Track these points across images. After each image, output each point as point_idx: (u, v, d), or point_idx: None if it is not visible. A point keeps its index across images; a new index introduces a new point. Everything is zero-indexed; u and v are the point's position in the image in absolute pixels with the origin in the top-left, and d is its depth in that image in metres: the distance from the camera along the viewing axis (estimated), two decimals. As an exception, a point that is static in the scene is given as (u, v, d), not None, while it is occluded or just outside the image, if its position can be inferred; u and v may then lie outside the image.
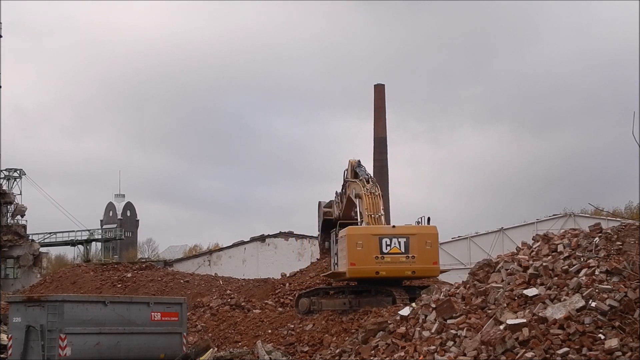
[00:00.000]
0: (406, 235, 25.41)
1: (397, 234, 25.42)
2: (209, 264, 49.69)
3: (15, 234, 65.12)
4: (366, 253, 25.31)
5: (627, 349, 12.82)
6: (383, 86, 58.93)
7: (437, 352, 14.83)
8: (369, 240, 25.36)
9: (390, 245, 25.31)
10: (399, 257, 25.27)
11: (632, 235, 16.41)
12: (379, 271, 25.43)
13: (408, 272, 25.60)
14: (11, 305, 21.40)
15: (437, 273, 26.66)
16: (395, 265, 25.32)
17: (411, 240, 25.26)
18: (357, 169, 28.57)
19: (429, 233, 25.70)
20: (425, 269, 25.81)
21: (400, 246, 25.33)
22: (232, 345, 25.46)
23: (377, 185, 27.21)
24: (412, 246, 25.28)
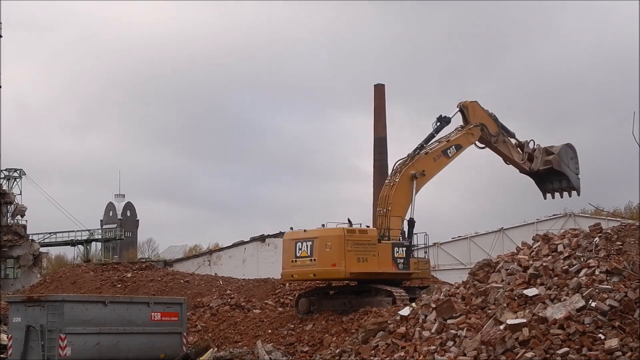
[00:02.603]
0: (312, 239, 25.95)
1: (306, 238, 26.10)
2: (209, 264, 49.62)
3: (15, 234, 65.08)
4: (288, 257, 26.59)
5: (627, 349, 12.83)
6: (383, 86, 58.86)
7: (437, 352, 14.84)
8: (289, 245, 26.58)
9: (302, 249, 26.16)
10: (305, 260, 25.98)
11: (632, 235, 16.42)
12: (293, 274, 26.65)
13: (311, 274, 26.35)
14: (11, 305, 21.40)
15: (340, 275, 26.11)
16: (303, 269, 26.04)
17: (314, 244, 25.79)
18: None
19: (331, 235, 25.80)
20: (325, 272, 25.95)
21: (308, 249, 26.01)
22: (232, 345, 25.45)
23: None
24: (315, 249, 25.84)
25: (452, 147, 28.86)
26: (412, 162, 27.72)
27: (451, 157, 28.80)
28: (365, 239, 25.99)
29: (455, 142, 28.96)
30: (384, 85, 58.95)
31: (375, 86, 59.04)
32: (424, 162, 28.00)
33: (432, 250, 47.00)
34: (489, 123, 30.24)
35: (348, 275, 26.06)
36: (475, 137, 29.73)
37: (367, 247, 25.91)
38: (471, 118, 29.72)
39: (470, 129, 29.42)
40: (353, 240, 25.68)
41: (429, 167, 28.15)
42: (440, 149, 28.55)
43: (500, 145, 30.56)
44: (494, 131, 30.19)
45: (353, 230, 26.10)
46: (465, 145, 29.39)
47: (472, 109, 29.91)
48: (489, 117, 30.33)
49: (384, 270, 26.29)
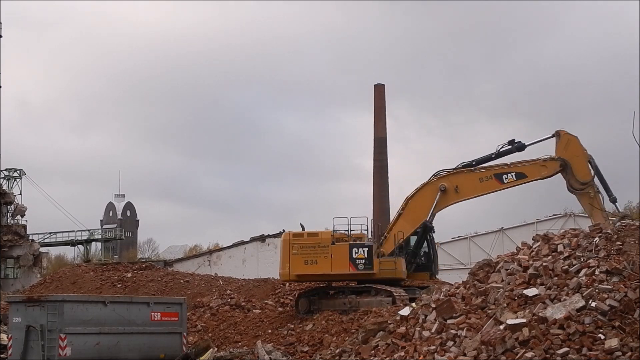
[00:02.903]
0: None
1: None
2: (209, 264, 49.61)
3: (15, 234, 65.06)
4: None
5: (627, 349, 12.83)
6: (383, 86, 58.93)
7: (437, 352, 14.84)
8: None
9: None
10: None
11: (632, 235, 16.41)
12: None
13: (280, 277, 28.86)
14: (11, 305, 21.39)
15: (286, 277, 27.77)
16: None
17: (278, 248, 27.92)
18: None
19: (281, 240, 27.82)
20: (281, 274, 27.92)
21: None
22: (232, 345, 25.46)
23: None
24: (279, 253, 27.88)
25: (512, 174, 25.99)
26: (449, 175, 26.54)
27: (507, 183, 26.09)
28: (315, 241, 26.79)
29: (518, 169, 25.97)
30: (384, 85, 59.06)
31: (375, 86, 59.11)
32: (464, 179, 26.40)
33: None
34: (580, 166, 25.44)
35: (294, 278, 27.42)
36: (549, 172, 25.89)
37: (317, 249, 26.63)
38: (559, 151, 25.76)
39: (545, 161, 25.88)
40: (300, 244, 26.76)
41: (468, 186, 26.42)
42: (494, 171, 26.16)
43: (583, 198, 25.56)
44: (582, 177, 25.35)
45: (301, 234, 27.10)
46: (531, 177, 26.05)
47: (566, 141, 25.65)
48: (583, 159, 25.51)
49: (339, 271, 26.61)
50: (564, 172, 25.56)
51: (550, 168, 25.74)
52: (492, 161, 26.52)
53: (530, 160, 26.10)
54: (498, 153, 26.41)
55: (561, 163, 25.54)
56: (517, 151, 26.26)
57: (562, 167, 25.55)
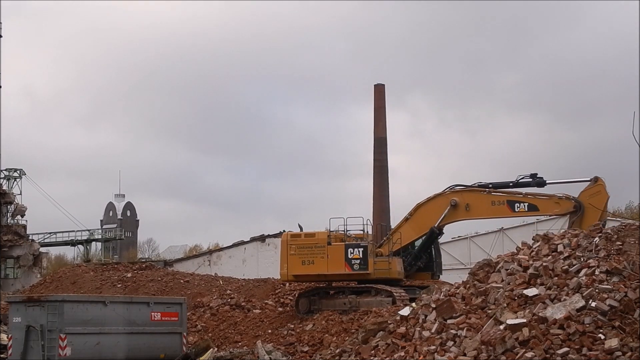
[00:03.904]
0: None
1: None
2: (209, 264, 49.62)
3: (15, 234, 65.06)
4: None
5: (627, 349, 12.83)
6: (383, 86, 58.91)
7: (437, 352, 14.83)
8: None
9: None
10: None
11: (632, 235, 16.41)
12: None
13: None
14: (11, 305, 21.39)
15: (285, 278, 27.94)
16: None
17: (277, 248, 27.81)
18: None
19: (281, 241, 28.04)
20: (281, 274, 28.11)
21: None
22: (232, 345, 25.46)
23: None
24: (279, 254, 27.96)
25: (525, 204, 25.72)
26: (463, 192, 26.45)
27: (517, 212, 25.95)
28: (312, 242, 26.93)
29: (531, 201, 25.73)
30: (384, 85, 59.04)
31: (375, 86, 59.10)
32: (476, 199, 26.29)
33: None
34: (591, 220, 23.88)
35: (291, 278, 27.59)
36: (561, 210, 25.76)
37: (314, 249, 26.73)
38: (583, 195, 25.32)
39: (560, 199, 25.56)
40: (297, 244, 26.92)
41: (480, 206, 26.34)
42: (508, 197, 25.98)
43: None
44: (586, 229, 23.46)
45: (298, 234, 27.26)
46: (542, 212, 26.23)
47: (596, 191, 25.19)
48: (597, 215, 24.68)
49: (335, 271, 26.67)
50: (573, 215, 25.18)
51: (563, 207, 25.51)
52: (508, 189, 26.31)
53: (546, 195, 25.80)
54: (517, 183, 26.21)
55: (575, 205, 25.18)
56: (537, 186, 26.04)
57: (574, 210, 25.15)
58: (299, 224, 27.77)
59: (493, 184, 26.39)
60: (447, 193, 26.76)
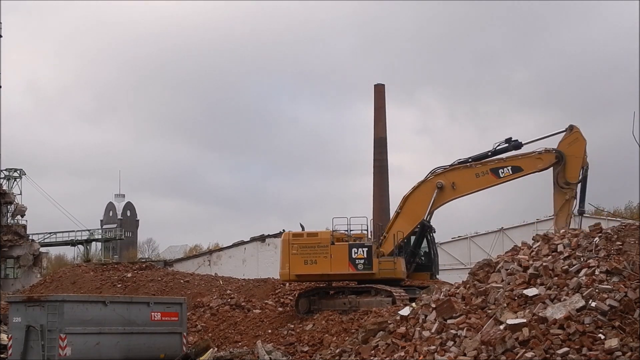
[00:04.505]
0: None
1: None
2: (209, 264, 49.64)
3: (15, 234, 65.07)
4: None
5: (627, 349, 12.83)
6: (383, 86, 59.00)
7: (437, 352, 14.83)
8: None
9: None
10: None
11: (632, 235, 16.42)
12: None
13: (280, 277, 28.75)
14: (11, 305, 21.39)
15: (286, 277, 27.77)
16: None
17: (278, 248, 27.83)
18: None
19: (282, 240, 27.82)
20: (281, 274, 27.97)
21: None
22: (232, 345, 25.46)
23: None
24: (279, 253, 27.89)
25: (508, 168, 25.92)
26: (445, 172, 26.54)
27: (503, 177, 25.98)
28: (315, 241, 26.78)
29: (514, 163, 25.93)
30: (384, 85, 59.12)
31: (375, 86, 59.16)
32: (460, 175, 26.36)
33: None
34: (573, 167, 25.39)
35: (293, 278, 27.35)
36: (545, 164, 25.75)
37: (316, 249, 26.56)
38: (562, 144, 25.66)
39: (541, 153, 25.82)
40: (299, 244, 26.70)
41: (465, 182, 26.33)
42: (490, 166, 26.10)
43: (560, 196, 25.47)
44: (570, 178, 25.36)
45: (300, 233, 27.07)
46: (527, 170, 25.94)
47: (574, 139, 25.57)
48: (579, 163, 25.41)
49: (339, 271, 26.59)
50: (557, 165, 25.52)
51: (546, 160, 25.70)
52: (488, 158, 26.44)
53: (526, 154, 26.04)
54: (494, 151, 26.31)
55: (557, 155, 25.51)
56: (514, 149, 26.15)
57: (557, 160, 25.48)
58: (301, 224, 27.65)
59: (472, 158, 26.49)
60: (431, 177, 26.78)
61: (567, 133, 25.66)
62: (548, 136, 26.23)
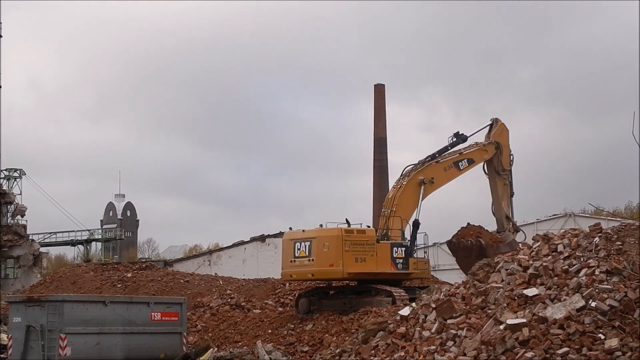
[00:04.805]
0: (310, 239, 26.09)
1: (304, 238, 26.24)
2: (209, 264, 49.63)
3: (15, 234, 65.13)
4: (286, 257, 26.79)
5: (627, 349, 12.82)
6: (383, 86, 59.07)
7: (437, 352, 14.83)
8: (288, 245, 26.77)
9: (300, 249, 26.33)
10: (303, 260, 26.11)
11: (632, 235, 16.41)
12: (292, 274, 26.85)
13: (309, 274, 26.45)
14: (11, 305, 21.40)
15: (337, 275, 26.33)
16: (301, 269, 26.18)
17: (312, 244, 25.91)
18: None
19: (329, 235, 25.99)
20: (323, 272, 26.11)
21: (306, 249, 26.16)
22: (232, 345, 25.45)
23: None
24: (313, 249, 25.95)
25: (465, 161, 29.13)
26: (422, 169, 27.97)
27: (462, 170, 29.11)
28: (364, 239, 26.11)
29: (468, 156, 29.25)
30: (384, 85, 59.19)
31: (375, 86, 59.22)
32: (434, 170, 28.24)
33: (432, 250, 47.01)
34: (505, 155, 30.24)
35: (346, 275, 26.20)
36: (489, 154, 29.82)
37: (365, 247, 26.03)
38: (494, 136, 29.97)
39: (485, 145, 29.71)
40: (351, 241, 25.84)
41: (439, 175, 28.42)
42: (452, 160, 28.86)
43: (500, 184, 30.20)
44: (505, 165, 30.21)
45: (351, 230, 26.24)
46: (477, 161, 29.63)
47: (500, 129, 30.17)
48: (508, 150, 30.37)
49: (383, 270, 26.36)
50: (495, 156, 29.70)
51: (490, 151, 29.74)
52: (448, 151, 29.01)
53: (475, 147, 29.50)
54: (452, 144, 29.11)
55: (496, 146, 29.71)
56: (462, 142, 29.26)
57: (496, 150, 29.67)
58: (347, 219, 26.82)
59: (437, 152, 28.70)
60: (413, 174, 27.72)
61: (494, 125, 30.00)
62: (480, 130, 30.04)
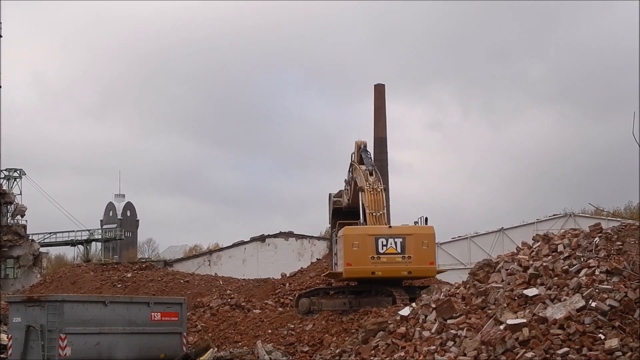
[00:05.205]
0: (402, 236, 25.61)
1: (394, 234, 25.60)
2: (209, 264, 49.68)
3: (15, 234, 65.15)
4: (362, 253, 25.54)
5: (627, 349, 12.82)
6: (383, 86, 59.08)
7: (437, 352, 14.83)
8: (365, 240, 25.59)
9: (387, 245, 25.53)
10: (395, 257, 25.46)
11: (632, 235, 16.41)
12: (375, 271, 25.68)
13: (404, 272, 25.75)
14: (11, 305, 21.40)
15: (433, 273, 26.75)
16: (392, 266, 25.49)
17: (407, 241, 25.47)
18: (362, 153, 28.25)
19: (425, 233, 25.81)
20: (422, 269, 25.93)
21: (397, 246, 25.53)
22: (232, 345, 25.45)
23: (380, 179, 27.05)
24: (409, 246, 25.47)
25: None
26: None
27: None
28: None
29: None
30: (384, 86, 59.17)
31: (375, 86, 59.21)
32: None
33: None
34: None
35: (435, 273, 26.86)
36: None
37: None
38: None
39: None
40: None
41: None
42: None
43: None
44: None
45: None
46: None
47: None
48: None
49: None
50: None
51: None
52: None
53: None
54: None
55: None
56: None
57: None
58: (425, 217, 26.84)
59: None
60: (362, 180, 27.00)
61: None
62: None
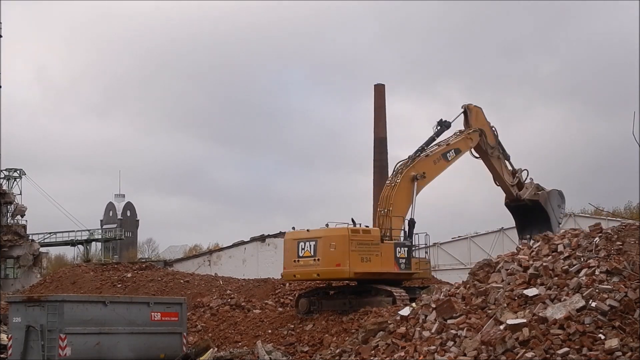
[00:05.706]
0: (315, 239, 25.79)
1: (309, 238, 25.92)
2: (209, 264, 49.66)
3: (15, 234, 65.12)
4: (289, 257, 26.32)
5: (627, 349, 12.83)
6: (383, 86, 59.02)
7: (437, 352, 14.84)
8: (291, 244, 26.36)
9: (305, 249, 25.94)
10: (309, 260, 25.76)
11: (632, 235, 16.42)
12: (296, 274, 26.42)
13: (314, 274, 26.09)
14: (11, 305, 21.39)
15: (345, 275, 26.05)
16: (306, 268, 25.84)
17: (318, 243, 25.62)
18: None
19: (335, 235, 25.69)
20: (329, 271, 25.80)
21: (311, 249, 25.81)
22: (232, 345, 25.44)
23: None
24: (319, 249, 25.63)
25: (452, 151, 29.19)
26: (413, 164, 27.79)
27: (450, 160, 29.13)
28: (369, 238, 25.92)
29: (454, 146, 29.31)
30: (384, 86, 59.12)
31: (375, 86, 59.15)
32: (425, 164, 28.11)
33: (432, 250, 46.96)
34: (489, 133, 30.64)
35: (352, 275, 25.98)
36: (474, 142, 30.10)
37: (370, 247, 25.84)
38: (473, 122, 30.19)
39: (469, 134, 29.90)
40: (357, 240, 25.63)
41: (430, 169, 28.30)
42: (440, 152, 28.80)
43: (494, 160, 30.85)
44: (492, 142, 30.66)
45: (357, 230, 26.04)
46: (463, 150, 29.75)
47: (475, 113, 30.40)
48: (489, 127, 30.79)
49: (387, 270, 26.27)
50: (480, 140, 30.12)
51: (474, 139, 30.03)
52: (434, 143, 29.07)
53: (460, 136, 29.77)
54: (437, 132, 29.27)
55: (479, 133, 30.09)
56: (446, 129, 29.64)
57: (480, 136, 30.09)
58: (352, 219, 26.60)
59: (424, 144, 28.71)
60: (404, 173, 27.49)
61: (468, 112, 30.24)
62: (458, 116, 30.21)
